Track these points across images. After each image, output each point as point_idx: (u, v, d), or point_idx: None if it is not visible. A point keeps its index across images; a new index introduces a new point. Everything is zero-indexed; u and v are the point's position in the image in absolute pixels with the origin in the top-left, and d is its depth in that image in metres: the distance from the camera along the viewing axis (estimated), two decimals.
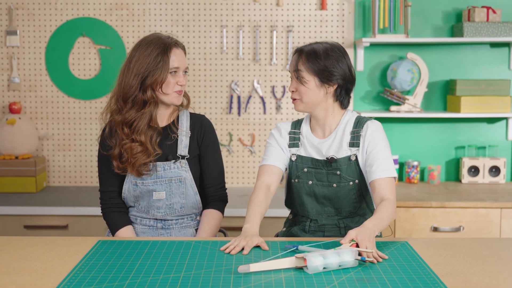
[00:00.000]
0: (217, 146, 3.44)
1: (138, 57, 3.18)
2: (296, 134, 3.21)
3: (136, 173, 3.23)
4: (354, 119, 3.17)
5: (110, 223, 3.33)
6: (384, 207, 2.89)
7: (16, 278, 2.41)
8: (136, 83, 3.16)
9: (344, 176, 3.09)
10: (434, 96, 5.27)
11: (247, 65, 5.22)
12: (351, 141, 3.11)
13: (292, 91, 3.10)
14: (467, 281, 2.36)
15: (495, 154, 5.22)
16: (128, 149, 3.20)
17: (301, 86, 3.05)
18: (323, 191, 3.12)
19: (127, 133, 3.21)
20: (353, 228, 2.69)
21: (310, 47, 3.08)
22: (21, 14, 5.22)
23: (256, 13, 5.18)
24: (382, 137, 3.12)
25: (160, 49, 3.17)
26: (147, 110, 3.20)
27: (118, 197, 3.35)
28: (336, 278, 2.38)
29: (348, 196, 3.12)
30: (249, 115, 5.26)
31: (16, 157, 5.11)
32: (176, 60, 3.20)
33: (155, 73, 3.15)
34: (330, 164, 3.10)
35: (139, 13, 5.20)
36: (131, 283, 2.34)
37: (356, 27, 5.21)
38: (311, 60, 3.04)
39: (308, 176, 3.15)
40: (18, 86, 5.25)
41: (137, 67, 3.17)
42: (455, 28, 5.12)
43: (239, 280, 2.36)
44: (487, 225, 4.47)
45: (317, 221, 3.18)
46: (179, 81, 3.22)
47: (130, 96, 3.19)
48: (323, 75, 3.05)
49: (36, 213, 4.58)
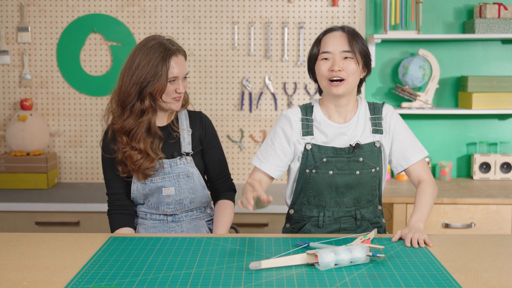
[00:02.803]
0: (217, 139, 3.46)
1: (137, 64, 3.16)
2: (309, 121, 3.12)
3: (142, 177, 3.25)
4: (367, 105, 3.17)
5: (111, 224, 3.34)
6: (422, 193, 3.05)
7: (28, 275, 2.42)
8: (135, 91, 3.16)
9: (367, 163, 3.07)
10: (446, 93, 5.26)
11: (258, 62, 5.22)
12: (373, 127, 3.11)
13: (339, 70, 2.98)
14: (479, 277, 2.35)
15: (507, 151, 5.21)
16: (128, 157, 3.21)
17: (352, 66, 2.99)
18: (345, 179, 3.07)
19: (126, 142, 3.23)
20: (403, 228, 2.89)
21: (351, 29, 3.07)
22: (33, 10, 5.23)
23: (267, 9, 5.18)
24: (401, 120, 3.18)
25: (160, 57, 3.14)
26: (145, 119, 3.20)
27: (124, 198, 3.35)
28: (348, 275, 2.38)
29: (370, 184, 3.11)
30: (260, 111, 5.26)
31: (28, 153, 5.12)
32: (176, 67, 3.18)
33: (154, 83, 3.13)
34: (353, 151, 3.06)
35: (150, 9, 5.21)
36: (142, 279, 2.34)
37: (368, 24, 5.21)
38: (360, 42, 3.03)
39: (328, 166, 3.07)
40: (30, 82, 5.26)
41: (136, 75, 3.15)
42: (466, 24, 5.11)
43: (250, 276, 2.36)
44: (499, 222, 4.46)
45: (332, 213, 3.15)
46: (178, 89, 3.20)
47: (128, 104, 3.19)
48: (367, 59, 3.06)
49: (47, 209, 4.59)
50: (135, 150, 3.20)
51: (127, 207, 3.34)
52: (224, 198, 3.44)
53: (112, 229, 3.32)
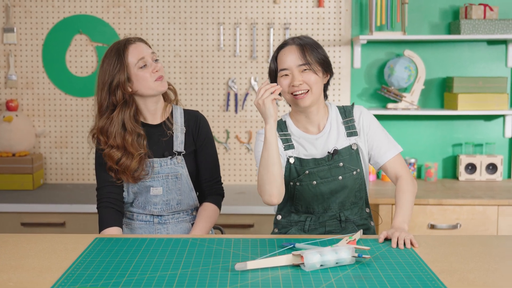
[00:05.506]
0: (212, 141, 3.45)
1: (102, 71, 3.22)
2: (286, 135, 3.14)
3: (132, 180, 3.25)
4: (338, 109, 3.19)
5: (102, 218, 3.28)
6: (401, 191, 3.06)
7: (13, 276, 2.41)
8: (105, 92, 3.20)
9: (347, 167, 3.09)
10: (431, 94, 5.27)
11: (244, 63, 5.22)
12: (347, 131, 3.13)
13: (300, 84, 3.01)
14: (464, 278, 2.36)
15: (492, 152, 5.23)
16: (108, 157, 3.23)
17: (312, 77, 3.01)
18: (329, 186, 3.10)
19: (104, 141, 3.25)
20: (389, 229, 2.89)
21: (305, 39, 3.09)
22: (18, 11, 5.22)
23: (253, 10, 5.18)
24: (373, 119, 3.21)
25: (116, 52, 3.19)
26: (115, 113, 3.21)
27: (113, 193, 3.31)
28: (333, 276, 2.38)
29: (353, 186, 3.13)
30: (246, 112, 5.26)
31: (13, 154, 5.11)
32: (136, 52, 3.19)
33: (115, 75, 3.16)
34: (332, 157, 3.08)
35: (136, 10, 5.20)
36: (128, 280, 2.34)
37: (353, 24, 5.21)
38: (315, 51, 3.04)
39: (311, 177, 3.10)
40: (15, 83, 5.24)
41: (102, 79, 3.20)
42: (452, 25, 5.12)
43: (236, 277, 2.36)
44: (484, 222, 4.47)
45: (318, 218, 3.16)
46: (154, 69, 3.21)
47: (103, 106, 3.23)
48: (325, 65, 3.07)
49: (33, 210, 4.58)
50: (113, 147, 3.21)
51: (116, 202, 3.30)
52: (209, 201, 3.43)
53: (100, 225, 3.28)
